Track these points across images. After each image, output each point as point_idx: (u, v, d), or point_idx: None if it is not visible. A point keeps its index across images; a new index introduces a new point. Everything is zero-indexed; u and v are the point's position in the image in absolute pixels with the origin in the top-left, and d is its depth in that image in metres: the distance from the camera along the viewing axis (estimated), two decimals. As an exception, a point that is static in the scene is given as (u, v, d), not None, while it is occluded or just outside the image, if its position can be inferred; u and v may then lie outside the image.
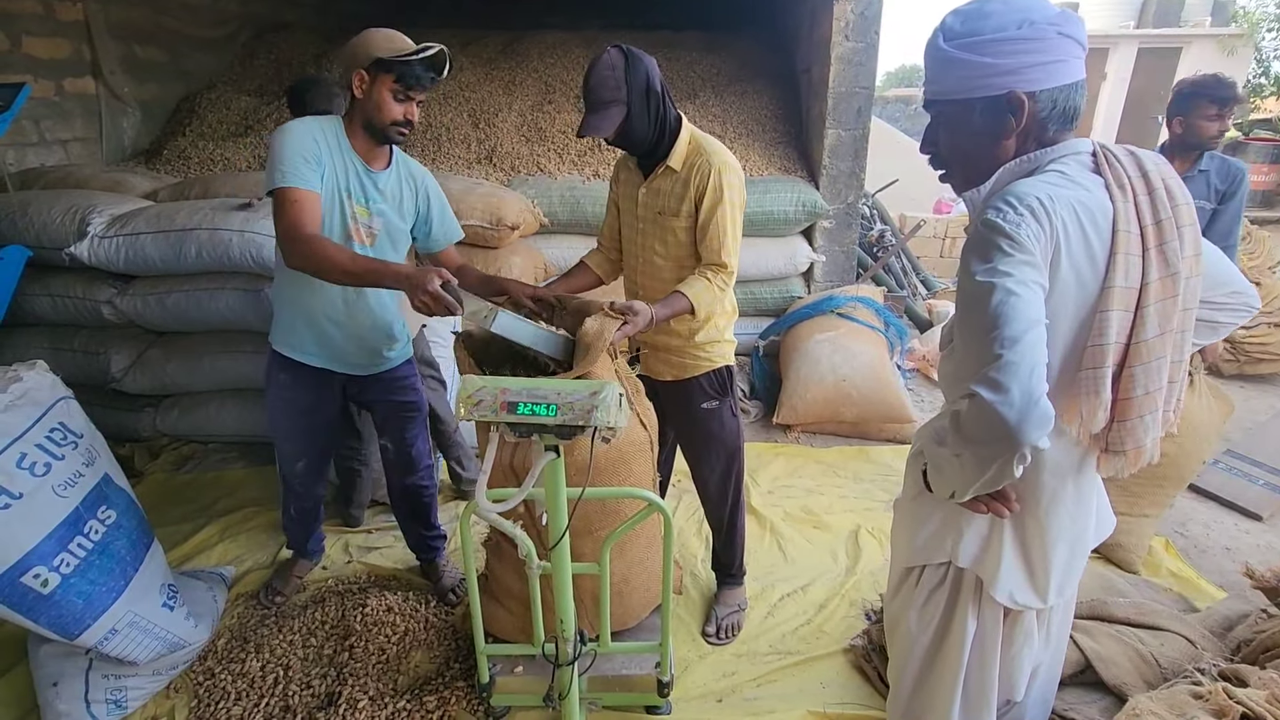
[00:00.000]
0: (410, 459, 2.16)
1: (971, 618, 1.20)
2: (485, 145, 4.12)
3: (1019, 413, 0.86)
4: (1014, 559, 1.15)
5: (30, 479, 1.58)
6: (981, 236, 0.96)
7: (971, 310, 0.95)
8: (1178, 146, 2.56)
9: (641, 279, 1.93)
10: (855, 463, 3.17)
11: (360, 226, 1.84)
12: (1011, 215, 0.93)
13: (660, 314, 1.70)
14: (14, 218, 2.86)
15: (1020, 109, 1.00)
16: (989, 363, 0.89)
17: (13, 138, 3.45)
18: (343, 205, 1.81)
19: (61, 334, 3.09)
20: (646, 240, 1.88)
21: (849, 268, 4.10)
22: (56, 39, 3.69)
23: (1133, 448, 1.03)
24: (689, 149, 1.80)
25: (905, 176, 5.81)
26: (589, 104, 1.70)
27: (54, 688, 1.75)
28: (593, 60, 1.70)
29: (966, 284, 0.96)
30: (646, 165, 1.85)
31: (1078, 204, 0.96)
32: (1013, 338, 0.88)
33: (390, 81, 1.72)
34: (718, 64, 4.73)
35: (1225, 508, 2.84)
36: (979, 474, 0.95)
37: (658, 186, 1.82)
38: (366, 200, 1.84)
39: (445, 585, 2.26)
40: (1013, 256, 0.92)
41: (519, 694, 1.81)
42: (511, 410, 1.22)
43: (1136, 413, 1.01)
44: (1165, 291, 0.98)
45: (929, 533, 1.20)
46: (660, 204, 1.82)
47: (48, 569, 1.58)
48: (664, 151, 1.79)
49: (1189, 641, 1.71)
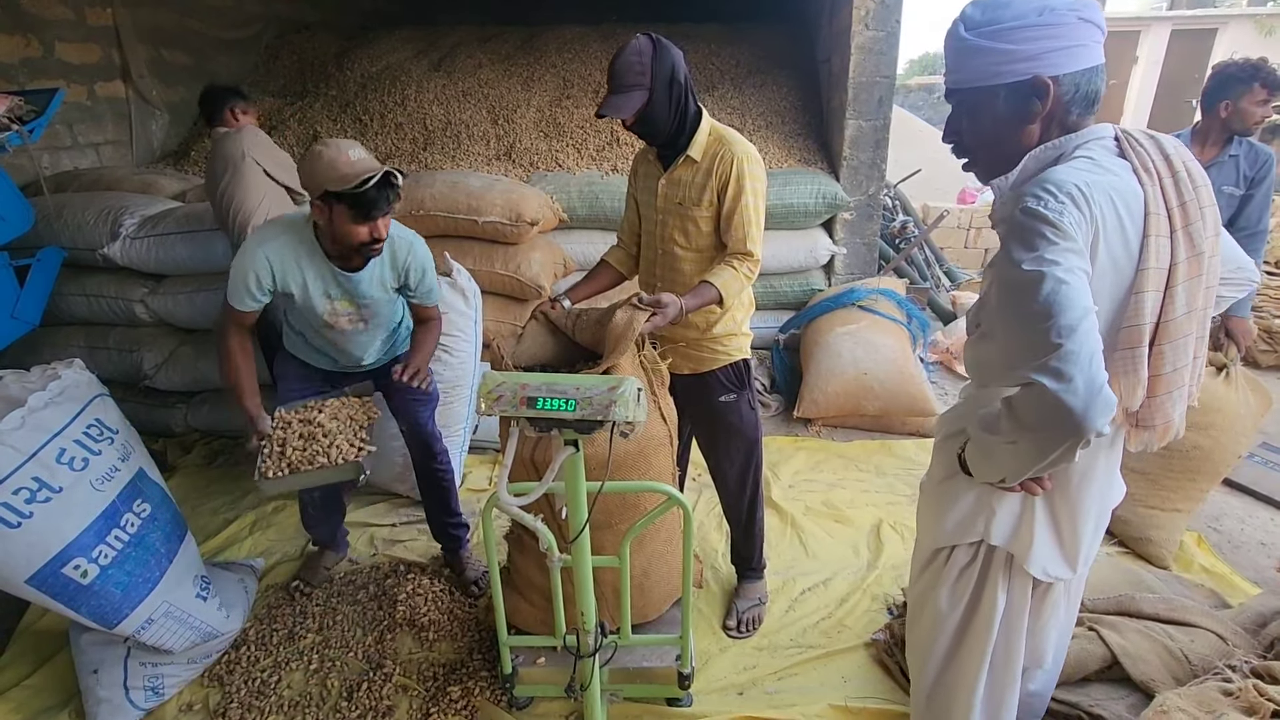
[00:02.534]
0: (425, 439, 2.22)
1: (1002, 592, 1.23)
2: (504, 142, 4.14)
3: (1084, 401, 0.87)
4: (1046, 534, 1.18)
5: (69, 473, 1.64)
6: (1024, 225, 0.96)
7: (1018, 299, 0.95)
8: (1216, 130, 2.49)
9: (661, 270, 1.93)
10: (877, 456, 3.15)
11: (341, 317, 1.91)
12: (1053, 204, 0.94)
13: (689, 304, 1.70)
14: (50, 220, 2.94)
15: (1045, 93, 1.01)
16: (1048, 352, 0.89)
17: (48, 141, 3.54)
18: (323, 305, 1.87)
19: (97, 332, 3.18)
20: (667, 232, 1.88)
21: (870, 260, 4.06)
22: (88, 44, 3.78)
23: (1162, 423, 1.07)
24: (709, 140, 1.80)
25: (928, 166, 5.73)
26: (613, 85, 1.71)
27: (94, 675, 1.81)
28: (622, 45, 1.71)
29: (1010, 273, 0.96)
30: (667, 157, 1.85)
31: (1112, 190, 0.98)
32: (1070, 326, 0.89)
33: (346, 210, 1.70)
34: (737, 55, 4.70)
35: (1261, 502, 2.78)
36: (1037, 460, 0.97)
37: (678, 177, 1.83)
38: (354, 296, 1.89)
39: (469, 578, 2.29)
40: (1058, 245, 0.93)
41: (541, 685, 1.83)
42: (531, 405, 1.24)
43: (1166, 389, 1.04)
44: (1192, 271, 1.01)
45: (962, 513, 1.22)
46: (681, 194, 1.82)
47: (87, 560, 1.64)
48: (685, 143, 1.80)
49: (1220, 638, 1.68)
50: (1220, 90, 2.43)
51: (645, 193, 1.92)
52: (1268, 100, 2.39)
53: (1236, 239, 2.59)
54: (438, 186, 3.29)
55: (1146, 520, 2.38)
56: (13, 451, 1.55)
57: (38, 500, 1.57)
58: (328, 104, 4.48)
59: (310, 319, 1.93)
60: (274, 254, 1.80)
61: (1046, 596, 1.28)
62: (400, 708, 1.87)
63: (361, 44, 4.95)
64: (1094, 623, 1.73)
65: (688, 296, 1.71)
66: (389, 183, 1.70)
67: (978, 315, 1.18)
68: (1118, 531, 2.44)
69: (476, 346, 2.79)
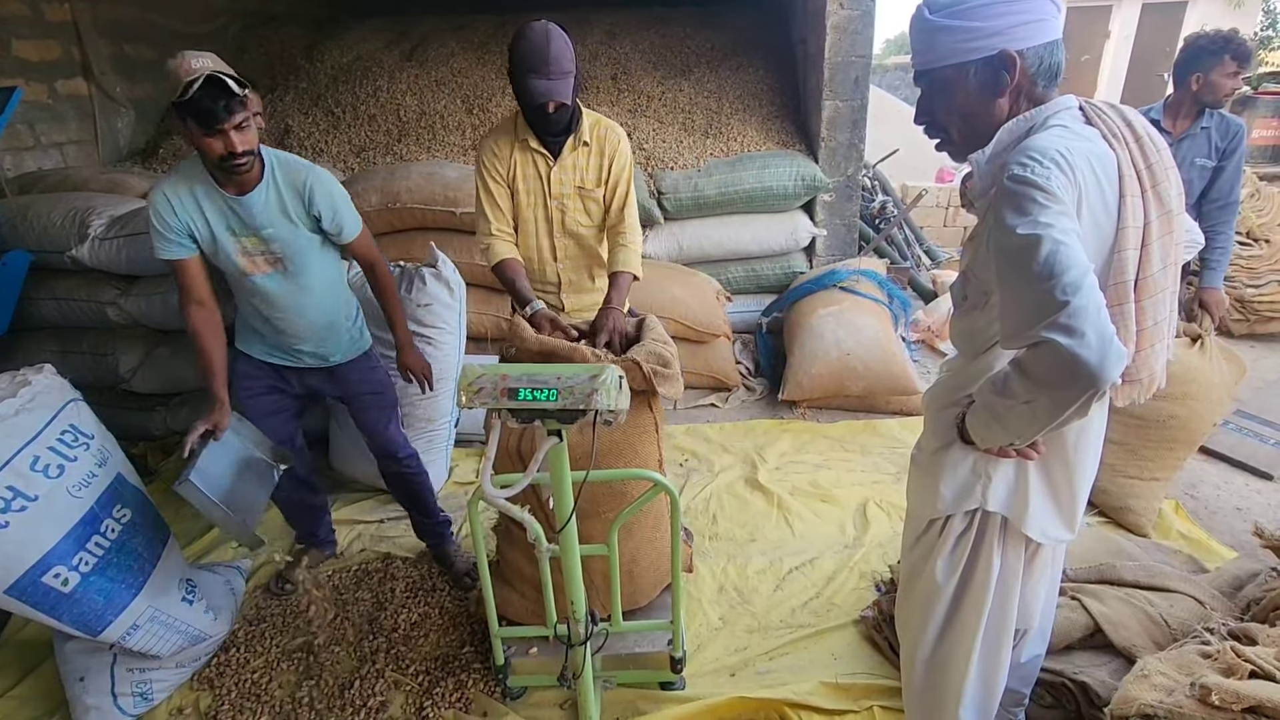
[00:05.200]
0: (385, 444, 2.19)
1: (997, 557, 1.26)
2: (479, 131, 4.10)
3: (1099, 353, 0.89)
4: (1043, 497, 1.21)
5: (45, 481, 1.61)
6: (1014, 191, 0.98)
7: (1018, 264, 0.96)
8: (1188, 103, 2.51)
9: (562, 254, 2.03)
10: (862, 436, 3.18)
11: (256, 257, 1.85)
12: (1039, 169, 0.97)
13: (622, 302, 1.87)
14: (14, 223, 2.86)
15: (1013, 66, 1.06)
16: (1056, 310, 0.91)
17: (8, 142, 3.45)
18: (231, 245, 1.82)
19: (69, 337, 3.11)
20: (568, 215, 1.97)
21: (851, 241, 4.07)
22: (46, 41, 3.67)
23: (1147, 375, 1.11)
24: (591, 122, 1.92)
25: (906, 146, 5.74)
26: (549, 71, 1.73)
27: (80, 682, 1.79)
28: (539, 29, 1.73)
29: (1007, 240, 0.98)
30: (556, 144, 1.92)
31: (1090, 155, 1.02)
32: (1074, 283, 0.91)
33: (192, 124, 1.62)
34: (712, 39, 4.67)
35: (1236, 468, 2.84)
36: (1054, 416, 0.98)
37: (572, 162, 1.92)
38: (257, 229, 1.83)
39: (459, 570, 2.29)
40: (1049, 208, 0.95)
41: (534, 675, 1.84)
42: (512, 396, 1.23)
43: (1149, 342, 1.09)
44: (1164, 229, 1.06)
45: (959, 482, 1.24)
46: (578, 178, 1.93)
47: (67, 568, 1.61)
48: (574, 127, 1.89)
49: (1198, 602, 1.72)
50: (1191, 63, 2.45)
51: (530, 180, 1.95)
52: (1238, 72, 2.41)
53: (1209, 210, 2.65)
54: (414, 178, 3.25)
55: (1125, 489, 2.42)
56: (-15, 461, 1.52)
57: (13, 510, 1.54)
58: (298, 97, 4.39)
59: (231, 272, 1.86)
60: (170, 191, 1.75)
61: (1036, 557, 1.31)
62: (394, 703, 1.87)
63: (331, 35, 4.85)
64: (1076, 591, 1.77)
65: (614, 295, 1.87)
66: (226, 91, 1.61)
67: (963, 288, 1.20)
68: (1098, 501, 2.48)
69: (461, 339, 2.77)
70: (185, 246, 1.80)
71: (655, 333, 1.81)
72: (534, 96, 1.75)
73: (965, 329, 1.22)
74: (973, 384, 1.18)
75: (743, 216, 3.83)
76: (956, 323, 1.24)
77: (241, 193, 1.79)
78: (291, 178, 1.84)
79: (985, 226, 1.10)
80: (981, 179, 1.11)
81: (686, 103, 4.24)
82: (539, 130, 1.89)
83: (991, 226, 1.03)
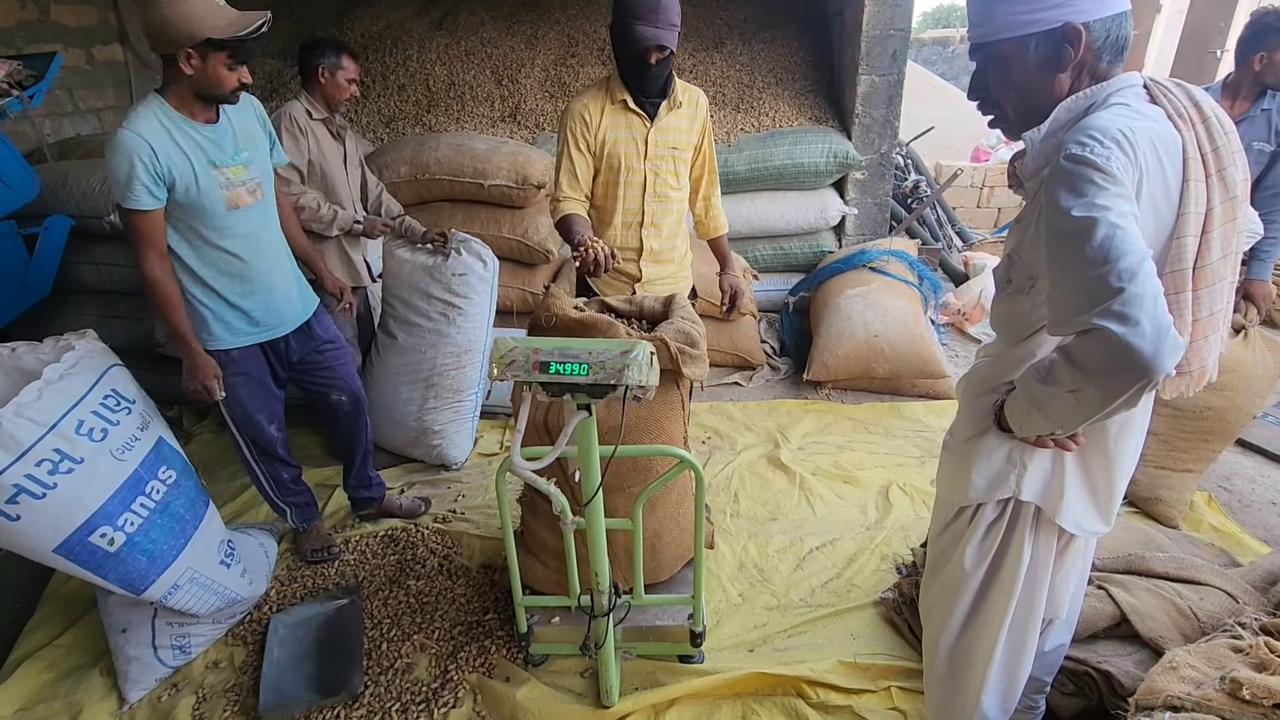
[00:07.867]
0: (357, 389, 2.28)
1: (1028, 547, 1.24)
2: (509, 103, 4.07)
3: (1153, 343, 0.86)
4: (1079, 489, 1.18)
5: (90, 444, 1.65)
6: (1071, 171, 0.94)
7: (1071, 247, 0.93)
8: (1248, 84, 2.41)
9: (651, 217, 2.01)
10: (887, 419, 3.15)
11: (239, 189, 1.84)
12: (1099, 149, 0.93)
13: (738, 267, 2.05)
14: (55, 188, 2.92)
15: (1077, 40, 1.00)
16: (1109, 297, 0.88)
17: (49, 108, 3.50)
18: (215, 178, 1.79)
19: (108, 301, 3.19)
20: (660, 177, 1.96)
21: (882, 220, 4.00)
22: (84, 6, 3.70)
23: (1198, 368, 1.07)
24: (679, 84, 1.94)
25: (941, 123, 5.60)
26: (658, 19, 1.72)
27: (123, 634, 1.86)
28: None
29: (1060, 222, 0.94)
30: (653, 105, 1.91)
31: (1154, 135, 0.97)
32: (1130, 270, 0.87)
33: (224, 58, 1.68)
34: (745, 10, 4.56)
35: (1273, 462, 2.77)
36: (1100, 407, 0.95)
37: (669, 123, 1.92)
38: (236, 153, 1.84)
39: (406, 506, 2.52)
40: (1108, 190, 0.91)
41: (556, 643, 1.87)
42: (544, 370, 1.23)
43: (1203, 333, 1.05)
44: (1226, 216, 1.01)
45: (993, 470, 1.21)
46: (674, 139, 1.93)
47: (113, 528, 1.67)
48: (669, 89, 1.90)
49: (1229, 596, 1.69)
50: (1255, 41, 2.34)
51: (624, 144, 1.93)
52: None
53: (1263, 198, 2.55)
54: (442, 150, 3.25)
55: (1157, 480, 2.38)
56: (32, 424, 1.56)
57: (60, 472, 1.59)
58: (328, 66, 4.38)
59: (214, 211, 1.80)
60: (145, 134, 1.68)
61: (1068, 548, 1.29)
62: (419, 665, 1.92)
63: (361, 2, 4.82)
64: (1103, 581, 1.75)
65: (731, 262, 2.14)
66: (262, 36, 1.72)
67: (1008, 271, 1.16)
68: (1128, 491, 2.42)
69: (490, 312, 2.78)
70: (160, 194, 1.73)
71: (684, 311, 1.80)
72: (641, 41, 1.72)
73: (1007, 313, 1.18)
74: (1013, 371, 1.16)
75: (772, 194, 3.77)
76: (998, 306, 1.21)
77: (211, 121, 1.81)
78: (250, 101, 1.93)
79: (1035, 207, 1.06)
80: (1034, 158, 1.06)
81: (718, 76, 4.16)
82: (636, 88, 1.87)
83: (1043, 207, 1.00)
